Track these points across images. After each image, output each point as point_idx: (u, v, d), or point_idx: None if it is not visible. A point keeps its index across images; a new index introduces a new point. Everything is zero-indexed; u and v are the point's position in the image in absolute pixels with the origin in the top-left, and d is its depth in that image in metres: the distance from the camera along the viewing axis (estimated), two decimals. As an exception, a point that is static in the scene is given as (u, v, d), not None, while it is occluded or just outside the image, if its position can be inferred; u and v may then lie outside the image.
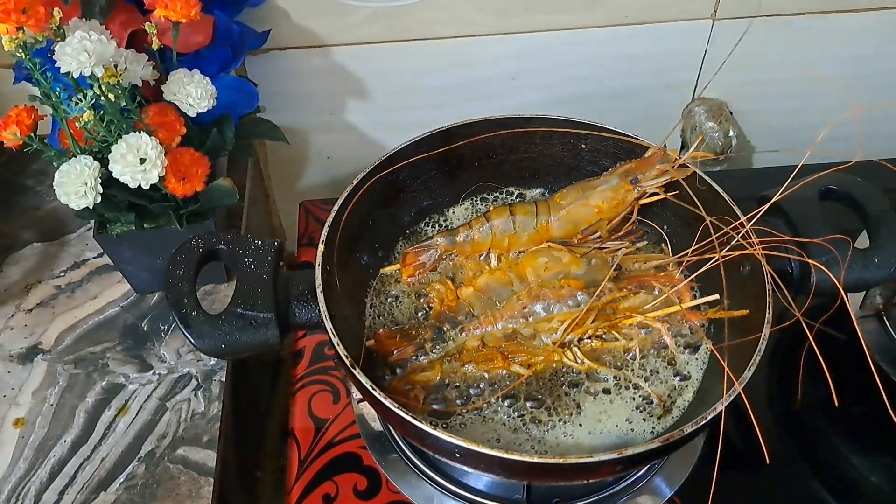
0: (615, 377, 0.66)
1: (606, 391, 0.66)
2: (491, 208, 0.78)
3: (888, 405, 0.55)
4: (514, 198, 0.82)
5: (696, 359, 0.68)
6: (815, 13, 0.94)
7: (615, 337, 0.68)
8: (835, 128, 1.08)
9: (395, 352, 0.67)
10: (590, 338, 0.68)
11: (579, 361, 0.66)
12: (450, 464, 0.66)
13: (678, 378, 0.66)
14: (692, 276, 0.68)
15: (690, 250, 0.67)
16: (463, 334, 0.67)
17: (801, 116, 1.05)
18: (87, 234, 0.86)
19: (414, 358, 0.67)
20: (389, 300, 0.73)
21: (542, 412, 0.64)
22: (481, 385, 0.66)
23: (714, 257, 0.64)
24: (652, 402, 0.65)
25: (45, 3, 0.61)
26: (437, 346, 0.67)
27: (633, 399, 0.65)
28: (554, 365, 0.67)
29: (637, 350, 0.67)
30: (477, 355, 0.67)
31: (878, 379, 0.57)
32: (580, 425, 0.64)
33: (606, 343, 0.68)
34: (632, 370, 0.67)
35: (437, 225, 0.79)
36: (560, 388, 0.66)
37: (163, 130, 0.69)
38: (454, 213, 0.80)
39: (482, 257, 0.75)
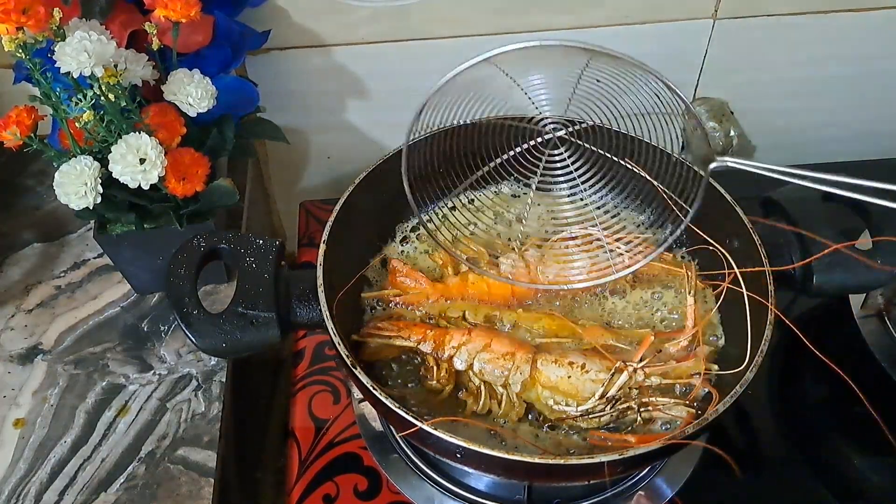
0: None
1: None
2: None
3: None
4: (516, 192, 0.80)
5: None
6: (815, 13, 0.94)
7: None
8: (835, 128, 1.09)
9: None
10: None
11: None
12: (451, 464, 0.66)
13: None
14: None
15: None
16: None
17: (802, 116, 1.05)
18: (87, 235, 0.86)
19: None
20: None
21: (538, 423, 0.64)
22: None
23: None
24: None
25: (45, 3, 0.61)
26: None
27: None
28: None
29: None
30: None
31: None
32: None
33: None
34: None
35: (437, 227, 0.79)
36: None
37: (163, 130, 0.69)
38: (455, 213, 0.80)
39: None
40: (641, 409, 0.61)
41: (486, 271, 0.70)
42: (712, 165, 0.62)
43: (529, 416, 0.65)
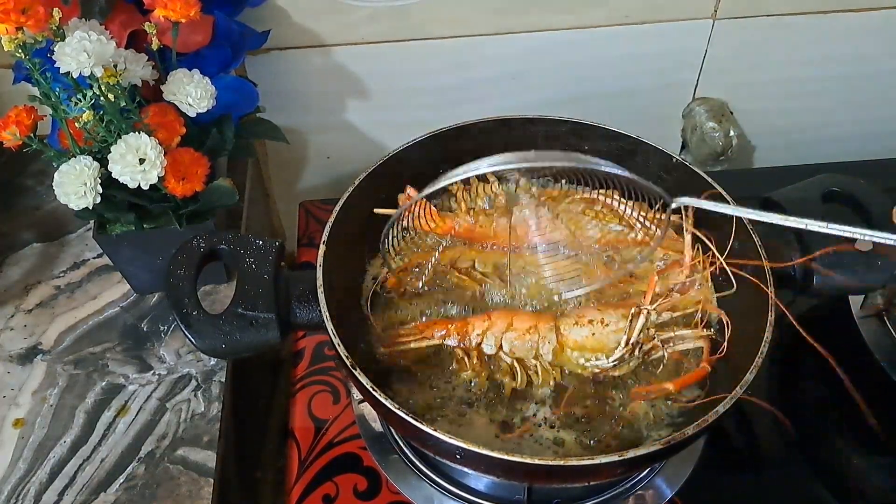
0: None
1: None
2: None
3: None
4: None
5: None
6: (815, 13, 0.94)
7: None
8: (835, 128, 1.09)
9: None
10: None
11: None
12: (450, 465, 0.66)
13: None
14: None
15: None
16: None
17: (802, 116, 1.05)
18: (86, 235, 0.86)
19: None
20: (390, 300, 0.73)
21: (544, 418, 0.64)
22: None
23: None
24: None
25: (44, 3, 0.61)
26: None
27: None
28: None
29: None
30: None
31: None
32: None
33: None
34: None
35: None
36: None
37: (162, 130, 0.69)
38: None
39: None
40: (665, 346, 0.65)
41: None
42: (673, 205, 0.60)
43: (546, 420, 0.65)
